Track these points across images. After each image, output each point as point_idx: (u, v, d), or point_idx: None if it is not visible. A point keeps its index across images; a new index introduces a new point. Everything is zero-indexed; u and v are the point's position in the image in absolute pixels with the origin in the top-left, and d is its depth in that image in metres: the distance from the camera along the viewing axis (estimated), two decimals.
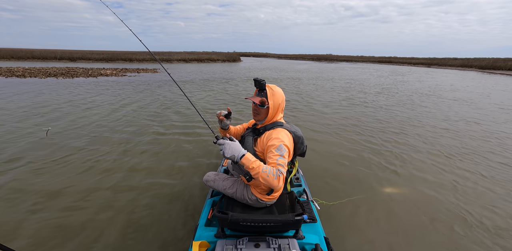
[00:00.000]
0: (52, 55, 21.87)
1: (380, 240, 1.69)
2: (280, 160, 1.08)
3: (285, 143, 1.14)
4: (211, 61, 27.31)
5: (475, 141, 3.77)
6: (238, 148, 1.06)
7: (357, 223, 1.86)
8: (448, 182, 2.49)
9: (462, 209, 2.06)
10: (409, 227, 1.83)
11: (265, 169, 1.03)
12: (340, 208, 2.00)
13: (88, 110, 4.85)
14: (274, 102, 1.22)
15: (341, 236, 1.69)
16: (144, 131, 3.79)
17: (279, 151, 1.11)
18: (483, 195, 2.29)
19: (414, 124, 4.58)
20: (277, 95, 1.23)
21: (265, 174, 1.02)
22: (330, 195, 2.17)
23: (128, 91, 7.19)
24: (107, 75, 11.37)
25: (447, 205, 2.11)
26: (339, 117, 4.92)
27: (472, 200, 2.20)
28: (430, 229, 1.81)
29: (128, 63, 21.03)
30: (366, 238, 1.71)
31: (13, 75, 10.13)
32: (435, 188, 2.37)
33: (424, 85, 10.81)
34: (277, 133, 1.19)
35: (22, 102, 5.33)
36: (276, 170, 1.04)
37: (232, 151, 1.04)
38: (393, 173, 2.66)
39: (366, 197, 2.19)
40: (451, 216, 1.97)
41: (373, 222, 1.88)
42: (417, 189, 2.35)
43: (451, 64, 31.41)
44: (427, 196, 2.24)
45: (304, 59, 55.67)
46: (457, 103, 6.77)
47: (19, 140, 3.20)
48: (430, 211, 2.02)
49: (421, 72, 20.49)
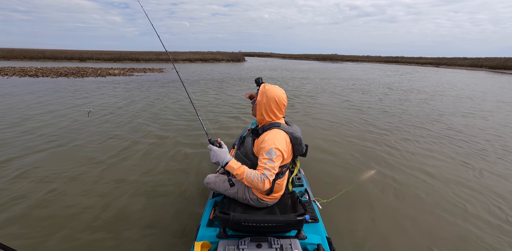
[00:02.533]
0: (63, 55, 22.42)
1: (381, 239, 1.68)
2: (268, 163, 1.11)
3: (276, 146, 1.13)
4: (215, 61, 27.46)
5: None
6: (223, 155, 1.12)
7: (357, 221, 1.87)
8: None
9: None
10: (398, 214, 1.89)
11: (250, 174, 1.09)
12: (339, 206, 2.01)
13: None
14: (261, 99, 1.24)
15: (342, 235, 1.69)
16: (140, 129, 3.83)
17: (268, 154, 1.12)
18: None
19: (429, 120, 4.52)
20: (268, 93, 1.23)
21: (249, 179, 1.08)
22: (326, 192, 2.20)
23: (153, 90, 7.34)
24: (115, 75, 11.57)
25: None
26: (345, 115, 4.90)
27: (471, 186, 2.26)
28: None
29: (135, 63, 21.39)
30: (367, 237, 1.71)
31: (26, 74, 10.41)
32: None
33: (417, 85, 10.56)
34: (271, 135, 1.18)
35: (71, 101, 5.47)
36: (261, 174, 1.09)
37: (216, 158, 1.12)
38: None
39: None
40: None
41: (372, 218, 1.89)
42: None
43: (460, 64, 30.74)
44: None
45: (309, 59, 55.37)
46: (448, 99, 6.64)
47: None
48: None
49: (424, 72, 20.11)
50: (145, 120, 4.32)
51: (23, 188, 2.17)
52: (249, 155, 1.25)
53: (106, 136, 3.51)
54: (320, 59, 52.74)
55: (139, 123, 4.17)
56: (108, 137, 3.46)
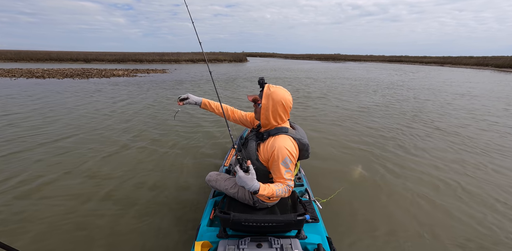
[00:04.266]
0: (68, 56, 22.77)
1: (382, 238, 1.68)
2: (287, 174, 1.12)
3: (291, 154, 1.12)
4: (218, 62, 27.56)
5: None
6: (249, 183, 1.03)
7: (357, 220, 1.87)
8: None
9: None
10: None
11: (279, 192, 1.09)
12: (339, 205, 2.01)
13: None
14: (267, 103, 1.16)
15: (342, 235, 1.69)
16: (138, 128, 3.87)
17: (284, 163, 1.10)
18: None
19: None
20: (274, 96, 1.15)
21: (279, 195, 1.10)
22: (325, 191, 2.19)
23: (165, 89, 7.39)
24: (119, 76, 11.69)
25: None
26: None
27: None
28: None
29: (139, 64, 21.58)
30: (367, 236, 1.70)
31: (33, 76, 10.58)
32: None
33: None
34: (281, 142, 1.13)
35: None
36: (286, 186, 1.11)
37: (242, 184, 1.04)
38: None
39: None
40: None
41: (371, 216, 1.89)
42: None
43: (465, 62, 30.32)
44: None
45: (311, 59, 55.16)
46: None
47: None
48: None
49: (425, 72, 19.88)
50: (148, 120, 4.38)
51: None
52: (253, 160, 1.19)
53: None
54: (323, 59, 52.51)
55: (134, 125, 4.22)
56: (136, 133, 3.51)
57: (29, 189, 2.18)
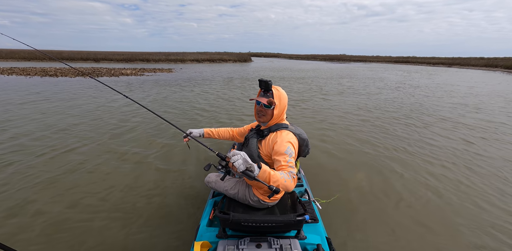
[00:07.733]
0: (79, 56, 23.36)
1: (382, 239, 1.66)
2: (290, 161, 1.10)
3: (293, 145, 1.16)
4: (222, 62, 27.66)
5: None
6: (248, 160, 0.97)
7: (357, 221, 1.85)
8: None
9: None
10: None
11: (284, 176, 1.00)
12: (338, 206, 1.99)
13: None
14: (281, 103, 1.22)
15: (342, 236, 1.68)
16: (136, 131, 3.87)
17: (287, 152, 1.11)
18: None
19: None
20: (283, 96, 1.23)
21: (283, 180, 0.99)
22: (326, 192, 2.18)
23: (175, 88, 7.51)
24: (127, 75, 11.91)
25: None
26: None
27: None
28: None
29: (146, 64, 21.91)
30: (367, 236, 1.70)
31: (46, 74, 10.92)
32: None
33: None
34: (283, 137, 1.18)
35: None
36: (289, 172, 1.05)
37: (246, 164, 0.95)
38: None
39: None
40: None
41: (371, 218, 1.87)
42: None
43: (474, 64, 29.59)
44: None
45: (316, 59, 54.75)
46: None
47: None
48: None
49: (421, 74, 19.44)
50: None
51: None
52: (254, 157, 1.22)
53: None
54: (328, 60, 52.06)
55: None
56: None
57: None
